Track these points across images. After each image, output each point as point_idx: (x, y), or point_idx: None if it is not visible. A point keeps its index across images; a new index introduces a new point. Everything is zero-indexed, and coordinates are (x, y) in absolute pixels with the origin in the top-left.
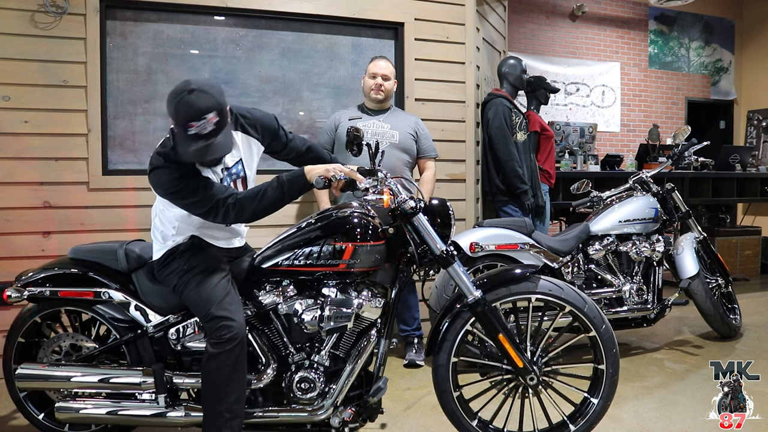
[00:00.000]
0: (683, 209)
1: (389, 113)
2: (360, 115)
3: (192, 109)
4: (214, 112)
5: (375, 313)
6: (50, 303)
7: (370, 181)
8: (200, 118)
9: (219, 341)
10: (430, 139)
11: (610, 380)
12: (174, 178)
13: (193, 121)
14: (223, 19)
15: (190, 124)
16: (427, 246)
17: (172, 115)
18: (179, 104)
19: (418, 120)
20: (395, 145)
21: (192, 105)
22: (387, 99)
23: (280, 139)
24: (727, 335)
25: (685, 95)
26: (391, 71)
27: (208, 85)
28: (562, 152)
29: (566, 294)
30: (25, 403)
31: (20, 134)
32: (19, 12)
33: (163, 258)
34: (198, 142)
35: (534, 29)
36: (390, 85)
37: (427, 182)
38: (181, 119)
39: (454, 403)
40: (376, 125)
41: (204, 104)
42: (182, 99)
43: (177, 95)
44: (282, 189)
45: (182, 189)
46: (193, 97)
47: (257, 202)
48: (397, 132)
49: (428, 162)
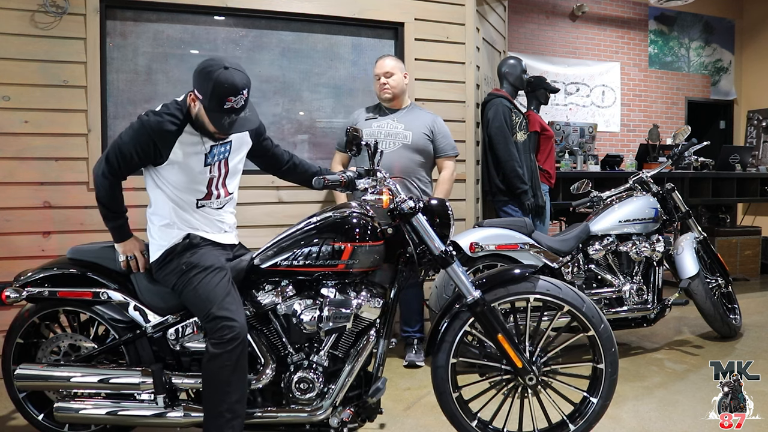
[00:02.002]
0: (683, 209)
1: (405, 112)
2: (375, 115)
3: (231, 84)
4: (247, 88)
5: (374, 313)
6: (49, 303)
7: (369, 181)
8: (237, 93)
9: (220, 341)
10: (449, 138)
11: (609, 379)
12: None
13: (231, 95)
14: (223, 19)
15: (228, 99)
16: (426, 246)
17: (205, 89)
18: (218, 80)
19: (436, 118)
20: (408, 145)
21: (230, 80)
22: (398, 96)
23: (266, 141)
24: (727, 335)
25: (685, 95)
26: (393, 66)
27: (236, 63)
28: (562, 152)
29: (564, 294)
30: (25, 403)
31: (20, 134)
32: (19, 12)
33: (161, 258)
34: (231, 116)
35: (534, 29)
36: (395, 80)
37: (444, 182)
38: (219, 94)
39: (454, 404)
40: (389, 125)
41: (240, 80)
42: (220, 75)
43: (212, 71)
44: (108, 220)
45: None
46: (230, 74)
47: (103, 197)
48: (410, 132)
49: (446, 161)
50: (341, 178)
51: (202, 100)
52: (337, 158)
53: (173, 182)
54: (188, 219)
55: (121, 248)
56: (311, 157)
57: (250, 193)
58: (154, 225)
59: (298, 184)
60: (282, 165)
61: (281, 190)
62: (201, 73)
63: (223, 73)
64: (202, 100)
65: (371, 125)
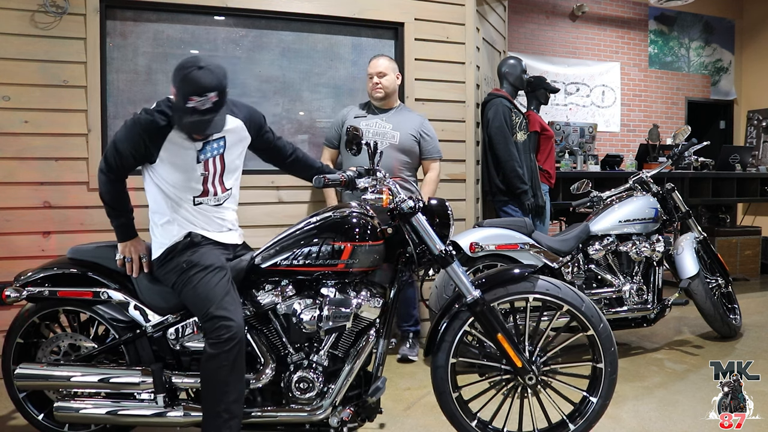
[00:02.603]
0: (683, 209)
1: (394, 112)
2: (365, 114)
3: (196, 84)
4: (215, 92)
5: (374, 313)
6: (49, 303)
7: (369, 180)
8: (202, 94)
9: (217, 341)
10: (436, 141)
11: (609, 379)
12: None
13: (195, 95)
14: (223, 19)
15: (191, 98)
16: (426, 246)
17: (176, 85)
18: (186, 77)
19: (425, 121)
20: (395, 146)
21: (197, 80)
22: (389, 96)
23: (267, 134)
24: (727, 335)
25: (685, 95)
26: (386, 66)
27: (215, 65)
28: (562, 152)
29: (563, 293)
30: (25, 403)
31: (20, 134)
32: (19, 12)
33: (163, 256)
34: (193, 116)
35: (534, 29)
36: (388, 81)
37: (429, 183)
38: (184, 92)
39: (454, 404)
40: (378, 125)
41: (208, 82)
42: (190, 73)
43: (185, 68)
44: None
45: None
46: (200, 74)
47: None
48: (398, 133)
49: (432, 163)
50: (341, 178)
51: (174, 95)
52: (326, 154)
53: (169, 180)
54: (187, 216)
55: (121, 247)
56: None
57: (250, 193)
58: (155, 224)
59: (301, 178)
60: (285, 158)
61: (281, 190)
62: (176, 69)
63: (193, 72)
64: (174, 95)
65: (360, 123)
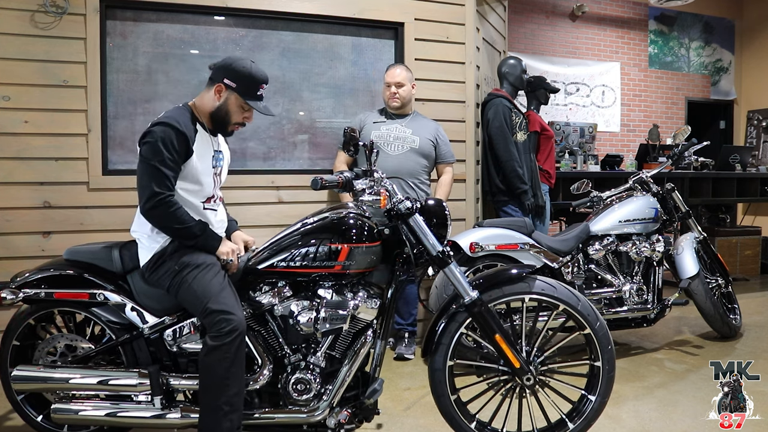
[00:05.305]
0: (683, 209)
1: (411, 118)
2: (384, 119)
3: (262, 74)
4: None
5: (371, 314)
6: (45, 304)
7: (366, 181)
8: (267, 82)
9: (219, 334)
10: (449, 145)
11: (607, 377)
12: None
13: (264, 83)
14: (223, 19)
15: (262, 86)
16: (424, 247)
17: (246, 79)
18: (251, 71)
19: (439, 127)
20: (415, 149)
21: (261, 72)
22: (405, 105)
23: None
24: (727, 335)
25: (685, 95)
26: (404, 77)
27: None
28: (562, 152)
29: (559, 293)
30: (23, 405)
31: (20, 134)
32: (19, 12)
33: (152, 261)
34: (262, 102)
35: (534, 29)
36: (405, 91)
37: (444, 185)
38: (257, 82)
39: (452, 406)
40: (398, 129)
41: (264, 73)
42: (251, 67)
43: (245, 63)
44: (197, 236)
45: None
46: (258, 67)
47: (174, 222)
48: (418, 138)
49: (447, 167)
50: (339, 179)
51: (237, 87)
52: (341, 158)
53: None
54: None
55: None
56: (311, 157)
57: (250, 193)
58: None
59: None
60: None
61: (281, 190)
62: (234, 64)
63: (253, 66)
64: (237, 87)
65: (380, 128)
